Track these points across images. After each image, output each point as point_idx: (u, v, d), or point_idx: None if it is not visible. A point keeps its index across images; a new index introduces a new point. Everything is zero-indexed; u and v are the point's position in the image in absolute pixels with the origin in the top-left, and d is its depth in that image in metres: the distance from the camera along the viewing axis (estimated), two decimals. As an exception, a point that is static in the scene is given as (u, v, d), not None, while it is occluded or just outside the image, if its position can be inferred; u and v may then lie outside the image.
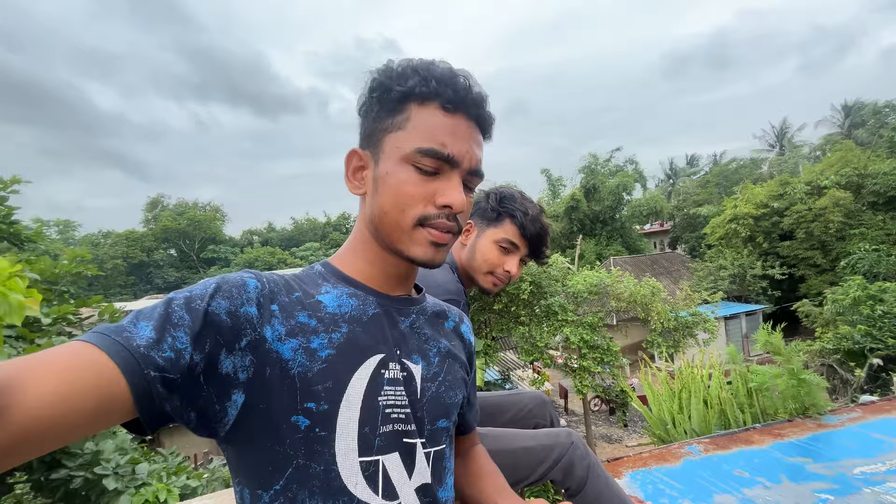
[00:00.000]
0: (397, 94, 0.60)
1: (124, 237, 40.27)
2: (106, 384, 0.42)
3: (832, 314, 12.99)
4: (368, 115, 0.64)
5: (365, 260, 0.67)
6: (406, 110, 0.61)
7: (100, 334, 0.46)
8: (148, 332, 0.47)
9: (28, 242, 3.51)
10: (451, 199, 0.60)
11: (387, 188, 0.61)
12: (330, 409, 0.55)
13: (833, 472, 1.76)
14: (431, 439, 0.65)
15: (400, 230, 0.61)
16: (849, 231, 18.20)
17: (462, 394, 0.72)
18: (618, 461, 1.94)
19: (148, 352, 0.46)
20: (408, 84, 0.60)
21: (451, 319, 0.77)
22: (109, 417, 0.44)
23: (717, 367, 2.86)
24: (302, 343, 0.56)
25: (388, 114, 0.62)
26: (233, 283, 0.56)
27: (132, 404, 0.44)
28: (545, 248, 1.27)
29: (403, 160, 0.60)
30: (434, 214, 0.61)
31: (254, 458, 0.55)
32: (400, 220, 0.61)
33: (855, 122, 29.36)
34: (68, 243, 37.44)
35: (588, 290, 9.27)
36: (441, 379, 0.68)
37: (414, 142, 0.59)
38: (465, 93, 0.61)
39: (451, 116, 0.60)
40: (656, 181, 40.07)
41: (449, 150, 0.60)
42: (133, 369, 0.44)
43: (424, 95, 0.60)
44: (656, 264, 21.58)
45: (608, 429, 12.13)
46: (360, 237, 0.67)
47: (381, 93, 0.62)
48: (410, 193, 0.60)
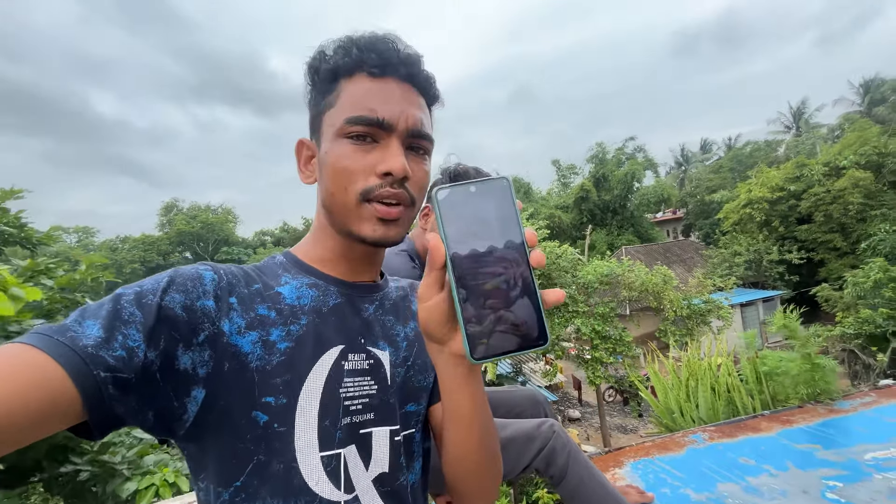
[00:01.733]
0: (325, 73, 0.60)
1: (141, 241, 41.16)
2: (50, 389, 0.40)
3: (853, 298, 12.66)
4: (310, 103, 0.63)
5: (324, 247, 0.65)
6: (336, 87, 0.59)
7: (40, 335, 0.43)
8: (95, 331, 0.44)
9: (41, 245, 3.60)
10: (390, 164, 0.56)
11: (327, 168, 0.59)
12: (288, 403, 0.54)
13: (843, 459, 1.71)
14: (404, 423, 0.64)
15: (346, 209, 0.59)
16: (869, 212, 17.64)
17: (432, 375, 0.70)
18: (620, 451, 1.92)
19: (97, 351, 0.43)
20: (334, 61, 0.59)
21: (414, 300, 0.74)
22: (55, 422, 0.42)
23: (727, 354, 2.81)
24: (261, 336, 0.55)
25: (322, 95, 0.61)
26: (187, 275, 0.53)
27: (80, 408, 0.42)
28: None
29: (337, 135, 0.58)
30: (377, 185, 0.57)
31: (214, 456, 0.54)
32: (344, 199, 0.58)
33: (874, 100, 28.37)
34: (87, 249, 38.40)
35: (599, 280, 9.17)
36: (410, 363, 0.67)
37: (343, 113, 0.58)
38: (391, 54, 0.58)
39: (380, 80, 0.58)
40: (668, 168, 39.38)
41: (379, 114, 0.57)
42: (80, 371, 0.42)
43: (350, 66, 0.58)
44: (669, 252, 21.26)
45: (623, 419, 12.05)
46: (319, 225, 0.66)
47: (313, 75, 0.61)
48: (349, 168, 0.57)
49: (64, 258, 3.48)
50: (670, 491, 1.60)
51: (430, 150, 0.63)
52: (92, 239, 43.09)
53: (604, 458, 1.87)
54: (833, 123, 30.72)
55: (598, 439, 10.16)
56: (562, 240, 15.26)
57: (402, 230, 0.61)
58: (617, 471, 1.76)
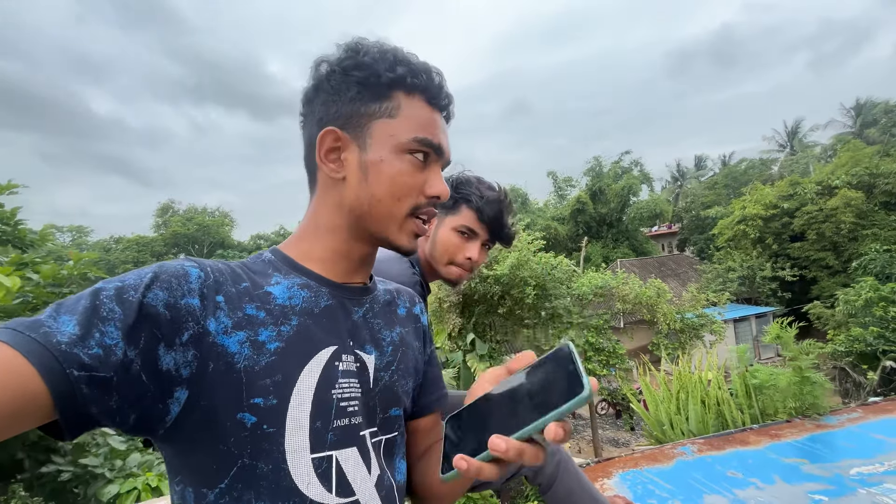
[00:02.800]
0: (387, 81, 0.60)
1: (135, 242, 40.88)
2: (17, 386, 0.38)
3: (844, 316, 12.75)
4: (342, 94, 0.61)
5: (326, 247, 0.64)
6: (394, 98, 0.61)
7: (11, 330, 0.41)
8: (70, 328, 0.43)
9: (33, 247, 3.57)
10: (440, 189, 0.63)
11: (382, 176, 0.60)
12: (279, 405, 0.53)
13: (829, 473, 1.72)
14: (384, 428, 0.64)
15: (393, 219, 0.62)
16: (861, 231, 17.85)
17: (413, 381, 0.72)
18: (608, 461, 1.92)
19: (71, 349, 0.41)
20: (397, 72, 0.60)
21: (402, 305, 0.76)
22: (24, 422, 0.40)
23: (717, 368, 2.82)
24: (249, 336, 0.53)
25: (373, 98, 0.60)
26: (172, 272, 0.51)
27: (51, 407, 0.40)
28: (507, 230, 1.24)
29: (399, 149, 0.60)
30: (424, 204, 0.63)
31: (196, 458, 0.52)
32: (394, 210, 0.61)
33: (866, 122, 28.89)
34: (81, 248, 38.07)
35: (593, 292, 9.20)
36: (394, 368, 0.67)
37: (411, 131, 0.60)
38: (441, 90, 0.64)
39: (433, 111, 0.63)
40: (663, 183, 39.74)
41: (439, 142, 0.63)
42: (52, 368, 0.40)
43: (412, 86, 0.61)
44: (664, 266, 21.37)
45: (615, 432, 12.00)
46: (326, 224, 0.64)
47: (367, 75, 0.60)
48: (408, 184, 0.61)
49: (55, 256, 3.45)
50: (658, 502, 1.61)
51: None
52: (86, 238, 42.75)
53: (592, 469, 1.87)
54: (826, 143, 31.22)
55: (590, 452, 10.09)
56: (557, 251, 15.32)
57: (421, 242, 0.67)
58: (605, 481, 1.76)
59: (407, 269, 1.14)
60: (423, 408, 0.74)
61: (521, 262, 8.38)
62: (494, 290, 8.62)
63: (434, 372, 0.77)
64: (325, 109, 0.62)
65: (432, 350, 0.79)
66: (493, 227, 1.21)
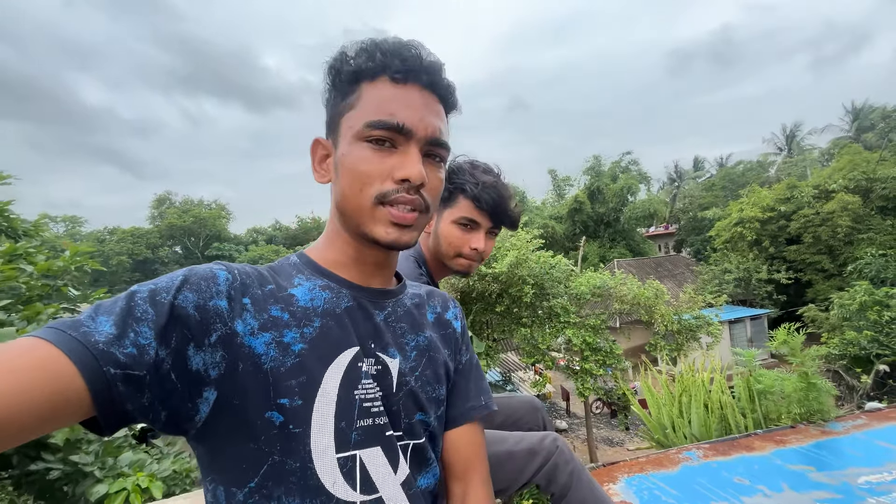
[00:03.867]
0: (347, 75, 0.60)
1: (129, 234, 40.56)
2: (59, 383, 0.40)
3: (838, 319, 12.84)
4: (328, 103, 0.63)
5: (337, 250, 0.65)
6: (357, 89, 0.59)
7: (54, 329, 0.43)
8: (108, 328, 0.45)
9: (26, 236, 3.50)
10: (408, 170, 0.57)
11: (344, 170, 0.59)
12: (304, 405, 0.54)
13: (837, 482, 1.70)
14: (409, 432, 0.63)
15: (361, 211, 0.59)
16: (857, 236, 17.95)
17: (444, 388, 0.69)
18: (614, 465, 1.89)
19: (108, 348, 0.43)
20: (356, 63, 0.59)
21: (431, 309, 0.74)
22: (64, 418, 0.42)
23: (720, 371, 2.80)
24: (275, 337, 0.55)
25: (342, 96, 0.61)
26: (201, 275, 0.53)
27: (90, 403, 0.42)
28: (509, 213, 1.17)
29: (356, 138, 0.58)
30: (393, 190, 0.58)
31: (227, 456, 0.53)
32: (359, 201, 0.58)
33: (863, 126, 29.02)
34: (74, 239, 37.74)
35: (591, 291, 9.20)
36: (418, 374, 0.66)
37: (364, 116, 0.58)
38: (415, 61, 0.59)
39: (402, 87, 0.59)
40: (661, 184, 39.80)
41: (399, 119, 0.57)
42: (91, 367, 0.42)
43: (373, 70, 0.58)
44: (660, 267, 21.43)
45: (610, 432, 12.05)
46: (332, 227, 0.66)
47: (334, 76, 0.61)
48: (366, 171, 0.58)
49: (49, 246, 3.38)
50: (665, 509, 1.58)
51: (446, 157, 0.64)
52: (80, 229, 42.35)
53: (598, 473, 1.84)
54: (824, 147, 31.35)
55: (585, 451, 10.13)
56: (555, 250, 15.32)
57: (415, 235, 0.61)
58: (611, 486, 1.73)
59: (412, 268, 1.10)
60: (450, 420, 0.72)
61: (520, 260, 8.36)
62: (492, 288, 8.60)
63: (463, 383, 0.74)
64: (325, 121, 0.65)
65: (469, 358, 0.76)
66: (494, 213, 1.15)
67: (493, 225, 1.18)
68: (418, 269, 1.12)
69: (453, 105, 0.65)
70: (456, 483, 0.70)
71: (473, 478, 0.70)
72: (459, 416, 0.72)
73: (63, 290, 3.05)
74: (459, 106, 0.66)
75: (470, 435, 0.72)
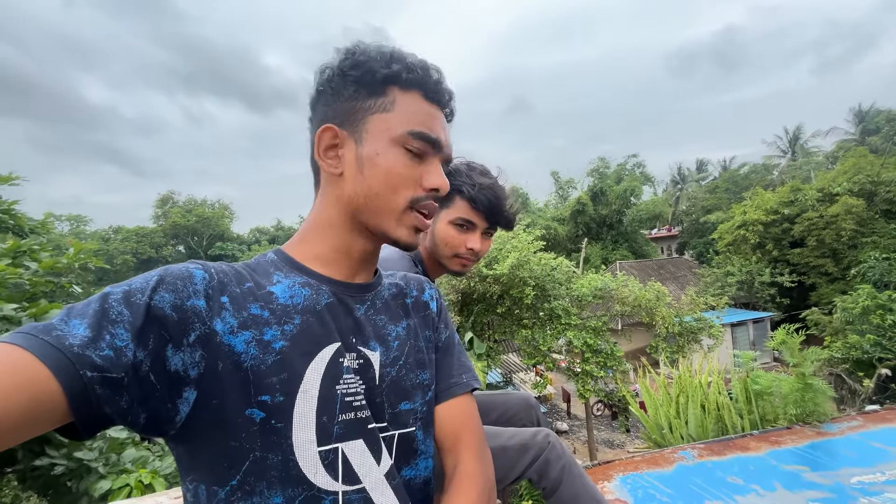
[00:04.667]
0: (381, 77, 0.61)
1: (134, 233, 40.76)
2: (34, 389, 0.40)
3: (841, 323, 12.78)
4: (341, 93, 0.63)
5: (327, 245, 0.65)
6: (390, 93, 0.62)
7: (25, 334, 0.43)
8: (82, 331, 0.44)
9: (33, 234, 3.54)
10: (439, 181, 0.63)
11: (378, 169, 0.61)
12: (286, 401, 0.54)
13: (830, 481, 1.72)
14: (395, 422, 0.64)
15: (390, 212, 0.62)
16: (861, 239, 17.87)
17: (427, 372, 0.71)
18: (609, 464, 1.91)
19: (83, 351, 0.43)
20: (392, 68, 0.61)
21: (410, 294, 0.75)
22: (40, 424, 0.41)
23: (717, 373, 2.81)
24: (255, 335, 0.55)
25: (369, 95, 0.62)
26: (177, 274, 0.53)
27: (67, 408, 0.42)
28: (505, 214, 1.19)
29: (394, 142, 0.61)
30: (423, 197, 0.63)
31: (208, 455, 0.53)
32: (391, 202, 0.62)
33: (868, 129, 28.86)
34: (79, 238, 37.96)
35: (592, 293, 9.19)
36: (402, 363, 0.67)
37: (405, 125, 0.61)
38: (439, 85, 0.64)
39: (432, 106, 0.64)
40: (664, 186, 39.69)
41: (437, 135, 0.63)
42: (66, 370, 0.41)
43: (409, 82, 0.62)
44: (663, 269, 21.38)
45: (610, 434, 12.03)
46: (327, 220, 0.65)
47: (363, 73, 0.62)
48: (403, 175, 0.61)
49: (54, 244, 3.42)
50: (658, 507, 1.60)
51: None
52: (84, 228, 42.60)
53: (592, 471, 1.86)
54: (828, 150, 31.18)
55: (585, 453, 10.12)
56: (557, 252, 15.33)
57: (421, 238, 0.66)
58: (606, 484, 1.75)
59: (409, 267, 1.12)
60: (437, 396, 0.72)
61: (521, 262, 8.37)
62: (493, 289, 8.61)
63: (447, 361, 0.75)
64: (325, 110, 0.64)
65: (448, 336, 0.77)
66: (489, 214, 1.18)
67: (489, 225, 1.20)
68: (415, 268, 1.14)
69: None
70: (447, 456, 0.70)
71: (463, 451, 0.69)
72: (442, 393, 0.72)
73: (67, 287, 3.09)
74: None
75: (456, 409, 0.72)
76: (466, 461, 0.68)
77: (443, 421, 0.71)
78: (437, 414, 0.71)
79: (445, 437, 0.71)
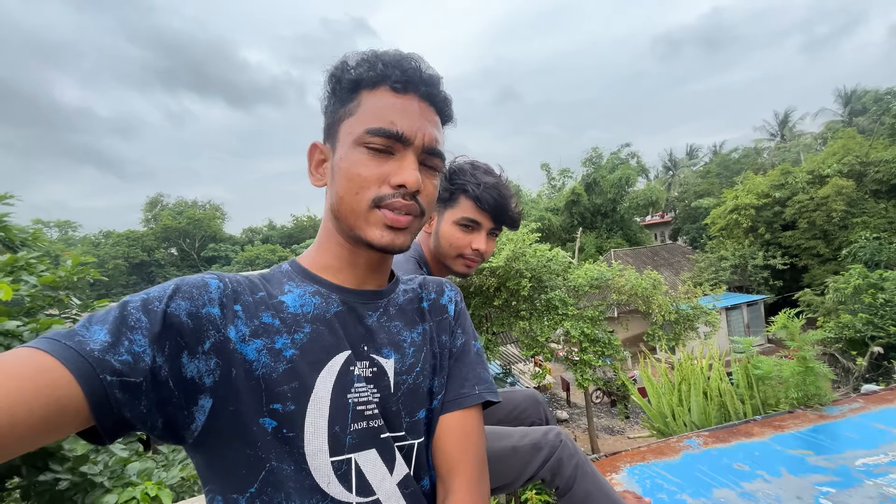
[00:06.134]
0: (348, 83, 0.61)
1: (125, 237, 40.32)
2: (57, 392, 0.41)
3: (834, 303, 12.97)
4: (327, 110, 0.65)
5: (330, 254, 0.66)
6: (357, 97, 0.61)
7: (49, 339, 0.44)
8: (102, 336, 0.45)
9: (24, 246, 3.47)
10: (405, 177, 0.58)
11: (341, 173, 0.61)
12: (297, 410, 0.54)
13: (834, 465, 1.73)
14: (413, 431, 0.64)
15: (356, 214, 0.60)
16: (851, 220, 18.09)
17: (439, 378, 0.68)
18: (616, 455, 1.92)
19: (103, 356, 0.44)
20: (358, 71, 0.61)
21: (427, 297, 0.73)
22: (63, 427, 0.42)
23: (718, 359, 2.84)
24: (266, 344, 0.56)
25: (341, 103, 0.62)
26: (193, 283, 0.54)
27: (88, 412, 0.43)
28: (510, 213, 1.18)
29: (355, 143, 0.60)
30: (389, 195, 0.59)
31: (226, 463, 0.54)
32: (354, 204, 0.59)
33: (855, 110, 29.10)
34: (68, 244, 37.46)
35: (589, 283, 9.24)
36: (419, 369, 0.66)
37: (364, 123, 0.59)
38: (414, 73, 0.61)
39: (402, 96, 0.60)
40: (656, 172, 39.87)
41: (398, 128, 0.59)
42: (87, 374, 0.42)
43: (373, 80, 0.60)
44: (657, 256, 21.53)
45: (610, 420, 12.17)
46: (326, 232, 0.66)
47: (335, 84, 0.63)
48: (363, 175, 0.59)
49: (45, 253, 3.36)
50: (667, 496, 1.61)
51: (441, 167, 0.65)
52: (73, 233, 42.02)
53: (601, 463, 1.87)
54: (817, 132, 31.44)
55: (586, 440, 10.24)
56: (552, 242, 15.36)
57: (409, 238, 0.62)
58: (613, 475, 1.76)
59: (413, 269, 1.11)
60: (443, 406, 0.67)
61: (517, 254, 8.38)
62: (490, 282, 8.63)
63: (458, 368, 0.70)
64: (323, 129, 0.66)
65: (464, 342, 0.72)
66: (495, 214, 1.16)
67: (495, 225, 1.19)
68: (419, 270, 1.13)
69: (449, 117, 0.67)
70: (440, 484, 0.64)
71: (456, 479, 0.63)
72: (448, 403, 0.67)
73: (65, 300, 3.04)
74: (455, 119, 0.68)
75: (458, 425, 0.65)
76: (458, 491, 0.62)
77: (442, 437, 0.65)
78: (439, 425, 0.66)
79: (442, 459, 0.64)
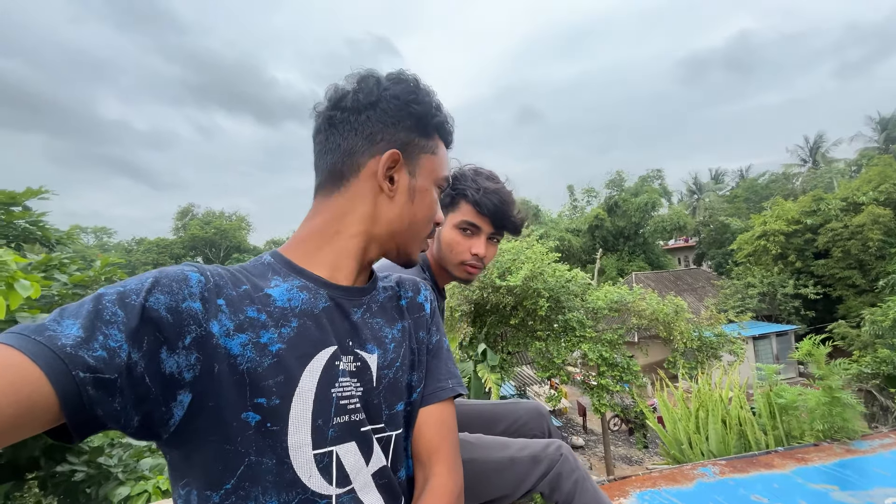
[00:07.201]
0: (434, 123, 0.70)
1: (155, 244, 41.88)
2: (26, 388, 0.39)
3: (871, 336, 12.27)
4: (400, 123, 0.67)
5: (338, 251, 0.66)
6: (435, 138, 0.72)
7: (16, 335, 0.42)
8: (74, 330, 0.44)
9: (59, 245, 3.66)
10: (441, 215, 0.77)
11: (424, 204, 0.71)
12: (282, 404, 0.54)
13: (860, 501, 1.63)
14: (391, 423, 0.66)
15: (419, 238, 0.73)
16: (889, 250, 17.25)
17: (417, 373, 0.71)
18: (625, 479, 1.85)
19: (76, 351, 0.42)
20: (439, 118, 0.71)
21: (405, 296, 0.76)
22: (32, 425, 0.41)
23: (739, 387, 2.72)
24: (251, 338, 0.55)
25: (422, 135, 0.70)
26: (173, 276, 0.52)
27: (58, 409, 0.41)
28: (511, 218, 1.17)
29: (435, 182, 0.72)
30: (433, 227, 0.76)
31: (202, 459, 0.52)
32: (423, 231, 0.72)
33: (892, 137, 28.07)
34: (103, 249, 39.13)
35: (608, 306, 9.03)
36: (399, 364, 0.68)
37: (443, 169, 0.73)
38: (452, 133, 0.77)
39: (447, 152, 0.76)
40: (680, 195, 39.12)
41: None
42: (58, 370, 0.41)
43: (444, 133, 0.73)
44: (680, 280, 20.96)
45: (628, 450, 11.70)
46: (350, 229, 0.67)
47: (423, 113, 0.68)
48: (435, 210, 0.73)
49: (79, 256, 3.53)
50: (677, 525, 1.54)
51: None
52: (108, 239, 43.94)
53: (608, 487, 1.80)
54: (851, 158, 30.37)
55: (602, 469, 9.85)
56: (571, 263, 15.16)
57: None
58: (622, 500, 1.70)
59: (417, 272, 1.12)
60: (422, 399, 0.71)
61: (535, 273, 8.30)
62: (507, 300, 8.55)
63: (435, 363, 0.74)
64: (380, 128, 0.66)
65: (438, 340, 0.77)
66: (495, 218, 1.16)
67: (495, 230, 1.18)
68: (422, 274, 1.14)
69: None
70: (419, 469, 0.68)
71: (436, 463, 0.67)
72: (427, 396, 0.71)
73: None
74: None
75: (436, 415, 0.70)
76: (439, 474, 0.66)
77: (422, 427, 0.70)
78: (419, 417, 0.70)
79: (422, 446, 0.69)
